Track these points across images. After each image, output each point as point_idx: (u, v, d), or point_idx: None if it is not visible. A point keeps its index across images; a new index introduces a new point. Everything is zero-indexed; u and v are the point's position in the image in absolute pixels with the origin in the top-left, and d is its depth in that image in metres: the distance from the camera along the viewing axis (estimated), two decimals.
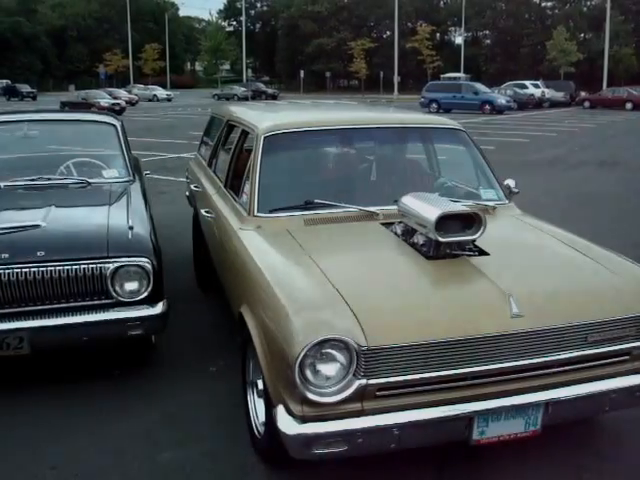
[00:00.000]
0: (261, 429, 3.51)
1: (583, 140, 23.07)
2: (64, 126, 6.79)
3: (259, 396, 3.55)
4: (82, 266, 4.08)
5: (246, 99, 54.38)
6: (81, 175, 5.71)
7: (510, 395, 3.08)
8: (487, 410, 3.05)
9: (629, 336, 3.24)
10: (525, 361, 3.06)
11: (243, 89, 62.36)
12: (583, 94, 50.32)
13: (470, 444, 3.13)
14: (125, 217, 4.60)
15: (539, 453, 3.66)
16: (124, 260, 4.11)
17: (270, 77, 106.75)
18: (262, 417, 3.47)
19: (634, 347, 3.27)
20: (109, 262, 4.09)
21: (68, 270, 4.06)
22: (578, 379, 3.21)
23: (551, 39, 66.17)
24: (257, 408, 3.63)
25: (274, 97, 61.88)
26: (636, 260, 3.78)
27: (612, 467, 3.61)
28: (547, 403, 3.13)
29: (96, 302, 4.15)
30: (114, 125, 6.42)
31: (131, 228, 4.34)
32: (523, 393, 3.10)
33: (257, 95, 60.53)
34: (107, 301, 4.16)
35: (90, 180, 5.61)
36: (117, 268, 4.10)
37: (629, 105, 43.94)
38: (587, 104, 46.77)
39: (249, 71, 78.84)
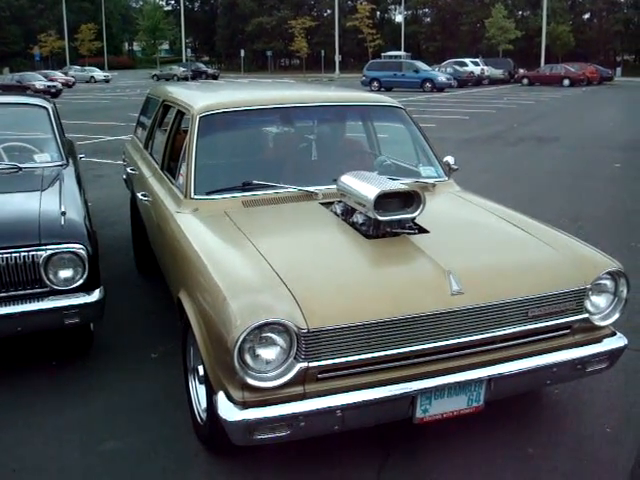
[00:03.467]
0: (203, 416, 3.46)
1: (522, 117, 23.42)
2: None
3: (200, 382, 3.49)
4: (13, 254, 3.92)
5: (186, 79, 53.72)
6: (12, 160, 5.51)
7: (452, 372, 3.09)
8: (430, 388, 3.04)
9: (569, 310, 3.27)
10: (466, 338, 3.06)
11: (183, 69, 61.46)
12: (522, 71, 51.13)
13: (414, 422, 3.12)
14: (57, 202, 4.45)
15: (484, 428, 3.68)
16: (57, 247, 3.97)
17: (210, 57, 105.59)
18: (204, 404, 3.41)
19: (574, 321, 3.30)
20: (41, 249, 3.94)
21: None
22: (520, 354, 3.23)
23: (490, 17, 66.84)
24: (199, 394, 3.57)
25: (215, 77, 61.25)
26: (574, 234, 3.82)
27: (556, 439, 3.66)
28: (489, 379, 3.15)
29: (29, 291, 4.01)
30: (45, 108, 6.22)
31: (64, 214, 4.19)
32: (465, 370, 3.11)
33: (197, 75, 59.84)
34: (41, 290, 4.02)
35: (21, 165, 5.42)
36: (50, 255, 3.95)
37: (566, 82, 44.86)
38: (526, 81, 47.54)
39: (189, 51, 77.75)
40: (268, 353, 2.82)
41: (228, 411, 2.86)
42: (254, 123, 4.83)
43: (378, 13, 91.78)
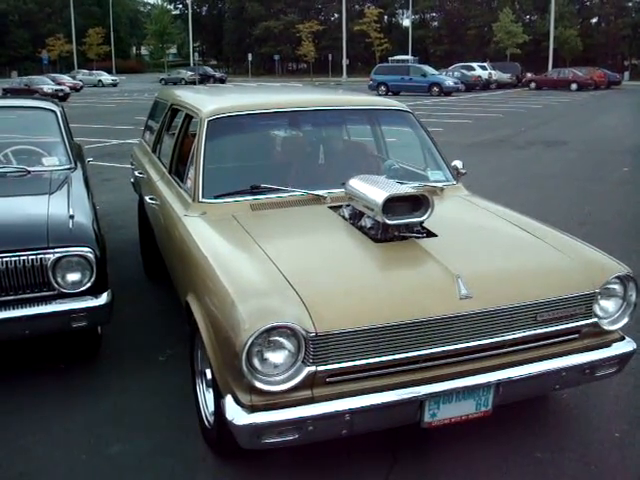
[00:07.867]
0: (211, 419, 3.45)
1: (530, 121, 23.36)
2: (2, 113, 6.56)
3: (208, 386, 3.49)
4: (22, 257, 3.92)
5: (194, 83, 53.80)
6: (20, 163, 5.52)
7: (461, 377, 3.07)
8: (438, 392, 3.03)
9: (578, 314, 3.25)
10: (475, 342, 3.05)
11: (190, 73, 61.70)
12: (529, 75, 51.05)
13: (422, 426, 3.11)
14: (66, 206, 4.45)
15: (492, 433, 3.67)
16: (65, 250, 3.97)
17: (218, 61, 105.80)
18: (212, 407, 3.41)
19: (583, 325, 3.29)
20: (49, 253, 3.95)
21: (7, 262, 3.90)
22: (528, 358, 3.21)
23: (497, 21, 66.77)
24: (206, 398, 3.56)
25: (222, 81, 61.38)
26: (583, 238, 3.80)
27: (564, 444, 3.64)
28: (498, 383, 3.13)
29: (37, 294, 4.01)
30: (54, 111, 6.24)
31: (72, 217, 4.20)
32: (474, 374, 3.09)
33: (205, 79, 59.94)
34: (49, 293, 4.02)
35: (29, 168, 5.43)
36: (58, 259, 3.96)
37: (574, 86, 44.76)
38: (533, 85, 47.43)
39: (196, 55, 77.93)
40: (276, 357, 2.81)
41: (236, 415, 2.85)
42: (262, 127, 4.84)
43: (385, 17, 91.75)
